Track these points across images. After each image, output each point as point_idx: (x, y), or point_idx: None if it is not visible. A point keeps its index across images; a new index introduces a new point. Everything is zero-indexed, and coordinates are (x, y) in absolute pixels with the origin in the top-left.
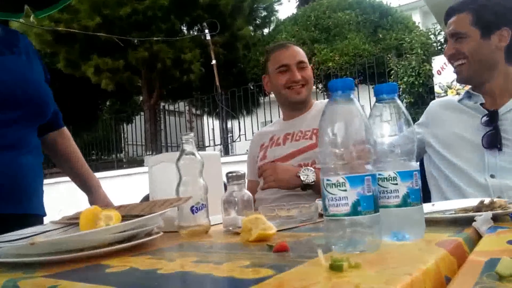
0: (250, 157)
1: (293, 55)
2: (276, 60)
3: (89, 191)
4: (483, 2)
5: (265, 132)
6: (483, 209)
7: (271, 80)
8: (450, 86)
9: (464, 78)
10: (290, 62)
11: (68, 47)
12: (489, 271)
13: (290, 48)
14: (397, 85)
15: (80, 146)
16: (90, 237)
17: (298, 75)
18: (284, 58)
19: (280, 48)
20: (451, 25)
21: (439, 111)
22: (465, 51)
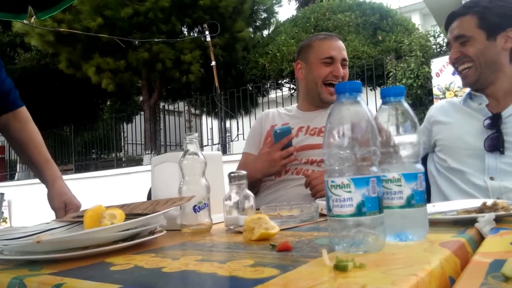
0: (256, 131)
1: (340, 49)
2: (322, 49)
3: (46, 183)
4: (486, 4)
5: (280, 114)
6: (485, 211)
7: (310, 69)
8: (448, 88)
9: (471, 82)
10: (337, 56)
11: (70, 47)
12: (494, 272)
13: (339, 42)
14: (404, 88)
15: (80, 145)
16: (95, 235)
17: (342, 71)
18: (332, 50)
19: (328, 38)
20: (455, 29)
21: (440, 114)
22: (470, 54)
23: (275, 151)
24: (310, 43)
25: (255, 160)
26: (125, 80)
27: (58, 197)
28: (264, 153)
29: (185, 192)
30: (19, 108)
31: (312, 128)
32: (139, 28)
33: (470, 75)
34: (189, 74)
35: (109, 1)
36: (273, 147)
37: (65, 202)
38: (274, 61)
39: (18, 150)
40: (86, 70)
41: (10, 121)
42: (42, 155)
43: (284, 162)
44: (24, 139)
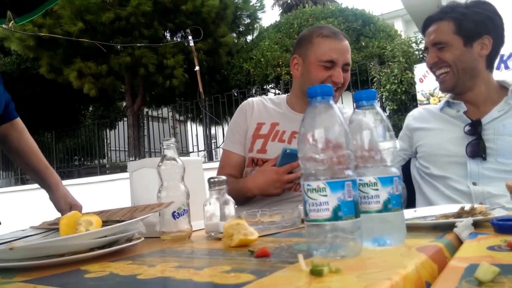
0: (239, 125)
1: (344, 52)
2: (323, 50)
3: (49, 188)
4: (463, 10)
5: (267, 109)
6: (463, 215)
7: (307, 68)
8: (432, 94)
9: (448, 87)
10: (339, 59)
11: (51, 52)
12: (468, 277)
13: (344, 42)
14: (376, 92)
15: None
16: (70, 242)
17: (342, 77)
18: (334, 52)
19: (332, 36)
20: (432, 34)
21: (419, 122)
22: (448, 60)
23: (283, 173)
24: (311, 39)
25: (257, 176)
26: (107, 85)
27: (63, 200)
28: (270, 171)
29: (163, 198)
30: (16, 118)
31: None
32: (121, 32)
33: (447, 80)
34: (172, 79)
35: (90, 5)
36: (282, 168)
37: (70, 204)
38: (259, 66)
39: (16, 158)
40: (67, 75)
41: (8, 131)
42: (42, 162)
43: (288, 186)
44: (23, 148)
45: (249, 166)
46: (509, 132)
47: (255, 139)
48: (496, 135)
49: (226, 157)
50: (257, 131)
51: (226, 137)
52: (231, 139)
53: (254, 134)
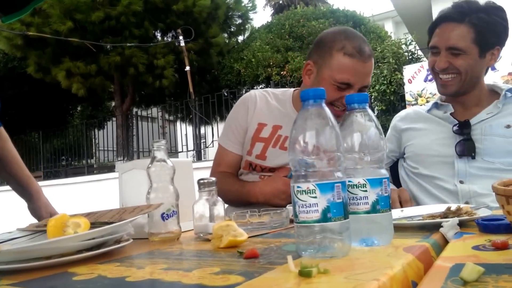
0: (239, 121)
1: (365, 75)
2: (341, 69)
3: (30, 197)
4: (485, 17)
5: (271, 109)
6: (449, 216)
7: (319, 81)
8: (420, 95)
9: (450, 92)
10: (357, 83)
11: (39, 51)
12: (454, 276)
13: (367, 64)
14: (368, 95)
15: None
16: (58, 244)
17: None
18: (353, 75)
19: (356, 56)
20: (450, 39)
21: (407, 122)
22: (460, 68)
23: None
24: (331, 51)
25: (266, 183)
26: (96, 85)
27: (44, 208)
28: (279, 181)
29: (153, 199)
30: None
31: None
32: (111, 32)
33: (452, 85)
34: (162, 79)
35: (80, 4)
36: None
37: (51, 213)
38: (250, 66)
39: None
40: (55, 74)
41: None
42: (24, 172)
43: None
44: (6, 157)
45: (246, 169)
46: (496, 132)
47: (255, 141)
48: (483, 135)
49: (222, 154)
50: (258, 133)
51: (224, 131)
52: (229, 136)
53: (254, 136)
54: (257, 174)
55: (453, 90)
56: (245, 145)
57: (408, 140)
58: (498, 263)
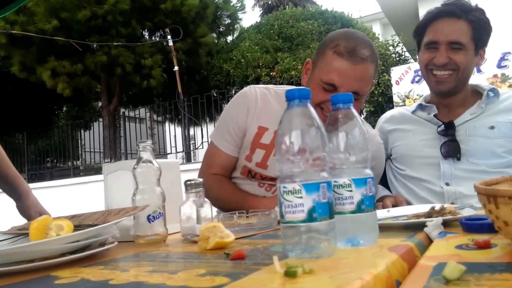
0: (237, 120)
1: (352, 79)
2: (328, 68)
3: (19, 196)
4: (479, 15)
5: (272, 108)
6: (434, 215)
7: (311, 80)
8: (407, 96)
9: (446, 89)
10: (342, 86)
11: (24, 50)
12: (437, 275)
13: (358, 67)
14: (352, 95)
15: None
16: (40, 247)
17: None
18: (338, 76)
19: (345, 55)
20: (452, 33)
21: (393, 123)
22: (458, 63)
23: None
24: (325, 49)
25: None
26: (82, 85)
27: (34, 208)
28: None
29: (138, 201)
30: None
31: None
32: (97, 31)
33: (448, 82)
34: (150, 79)
35: (66, 3)
36: None
37: (40, 212)
38: (239, 67)
39: None
40: (40, 74)
41: None
42: (12, 170)
43: None
44: None
45: (244, 175)
46: (480, 133)
47: (255, 147)
48: (468, 136)
49: (215, 154)
50: (258, 137)
51: (219, 129)
52: (225, 136)
53: (254, 141)
54: (256, 181)
55: (449, 87)
56: (243, 148)
57: (394, 142)
58: (480, 262)
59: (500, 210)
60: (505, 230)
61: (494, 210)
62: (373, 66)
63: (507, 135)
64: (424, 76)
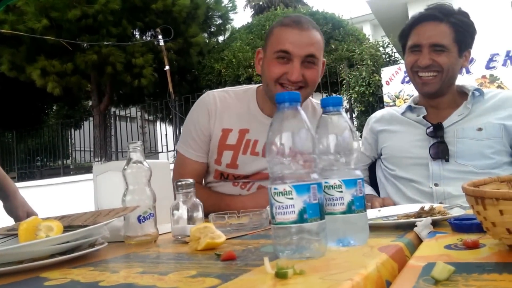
0: (198, 129)
1: (304, 43)
2: (277, 39)
3: (6, 196)
4: (461, 18)
5: (232, 109)
6: (423, 215)
7: (265, 63)
8: (398, 96)
9: (431, 91)
10: (296, 52)
11: (13, 49)
12: (426, 275)
13: (306, 32)
14: (342, 98)
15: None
16: (29, 249)
17: (299, 73)
18: (290, 42)
19: (292, 25)
20: (433, 34)
21: (383, 124)
22: (442, 64)
23: None
24: (272, 29)
25: (250, 199)
26: (72, 84)
27: (21, 207)
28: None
29: (129, 202)
30: None
31: None
32: (88, 30)
33: (434, 83)
34: (141, 78)
35: (56, 2)
36: None
37: (28, 212)
38: (230, 67)
39: None
40: (30, 73)
41: None
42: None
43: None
44: None
45: (217, 178)
46: (468, 135)
47: (222, 150)
48: (456, 138)
49: (184, 163)
50: (224, 140)
51: (183, 139)
52: (190, 144)
53: (220, 144)
54: (230, 182)
55: (434, 88)
56: (210, 153)
57: (384, 142)
58: (468, 262)
59: (488, 211)
60: (493, 231)
61: (482, 211)
62: (320, 36)
63: (495, 136)
64: (411, 78)
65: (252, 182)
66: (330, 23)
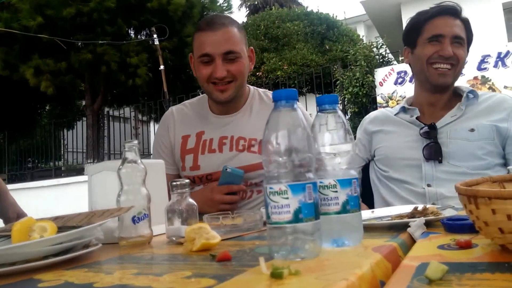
0: (161, 143)
1: (219, 43)
2: (198, 45)
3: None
4: (467, 19)
5: (188, 117)
6: (416, 216)
7: (195, 67)
8: (391, 97)
9: (447, 83)
10: (213, 52)
11: (6, 47)
12: (420, 275)
13: (219, 32)
14: (338, 96)
15: (15, 153)
16: (22, 250)
17: (223, 70)
18: (207, 46)
19: (205, 29)
20: (454, 27)
21: (377, 125)
22: (460, 58)
23: (218, 192)
24: (193, 34)
25: (198, 192)
26: (66, 83)
27: (11, 208)
28: (207, 189)
29: (123, 202)
30: None
31: (236, 139)
32: (83, 29)
33: (449, 75)
34: (135, 78)
35: (51, 0)
36: (219, 187)
37: (18, 213)
38: None
39: None
40: (23, 72)
41: None
42: None
43: (223, 208)
44: None
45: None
46: (461, 136)
47: (184, 155)
48: (449, 139)
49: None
50: (184, 145)
51: (153, 156)
52: (156, 154)
53: (182, 150)
54: (199, 185)
55: (449, 81)
56: (177, 161)
57: (378, 143)
58: (461, 262)
59: (480, 210)
60: (485, 230)
61: (475, 210)
62: (236, 29)
63: (487, 137)
64: (423, 70)
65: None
66: (324, 24)
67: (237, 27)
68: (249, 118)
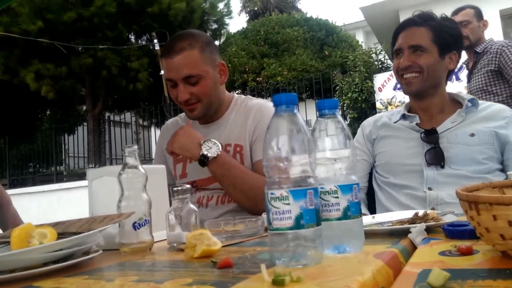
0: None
1: (176, 69)
2: (164, 70)
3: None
4: (441, 22)
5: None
6: (417, 221)
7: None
8: (390, 103)
9: (413, 90)
10: (174, 78)
11: (7, 52)
12: (421, 282)
13: (174, 59)
14: (338, 101)
15: (16, 158)
16: (22, 256)
17: (185, 93)
18: (168, 71)
19: (164, 55)
20: (411, 38)
21: (377, 130)
22: (421, 65)
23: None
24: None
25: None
26: (67, 88)
27: (12, 220)
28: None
29: (124, 208)
30: None
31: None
32: (83, 33)
33: (415, 82)
34: (136, 83)
35: (51, 4)
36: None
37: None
38: None
39: None
40: (24, 76)
41: None
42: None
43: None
44: None
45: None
46: (462, 141)
47: (175, 164)
48: (450, 143)
49: None
50: (176, 155)
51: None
52: (156, 160)
53: (174, 160)
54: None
55: (416, 88)
56: (171, 171)
57: (379, 148)
58: (463, 268)
59: (481, 216)
60: (487, 236)
61: (476, 216)
62: (197, 51)
63: (487, 142)
64: (398, 81)
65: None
66: (323, 30)
67: (199, 47)
68: (227, 125)
